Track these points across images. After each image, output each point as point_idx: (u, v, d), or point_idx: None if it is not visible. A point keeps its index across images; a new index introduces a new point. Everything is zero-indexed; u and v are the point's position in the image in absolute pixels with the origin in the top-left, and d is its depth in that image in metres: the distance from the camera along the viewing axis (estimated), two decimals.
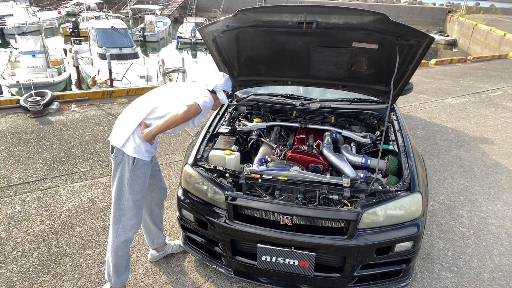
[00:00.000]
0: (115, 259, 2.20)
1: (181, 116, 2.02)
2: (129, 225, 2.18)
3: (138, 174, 2.12)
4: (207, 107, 2.12)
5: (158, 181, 2.47)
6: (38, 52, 11.36)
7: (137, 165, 2.11)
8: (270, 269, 2.19)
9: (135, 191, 2.14)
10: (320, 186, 2.19)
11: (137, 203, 2.18)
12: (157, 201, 2.52)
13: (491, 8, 29.91)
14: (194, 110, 2.03)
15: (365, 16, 2.20)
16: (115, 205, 2.16)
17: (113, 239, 2.19)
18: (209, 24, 2.53)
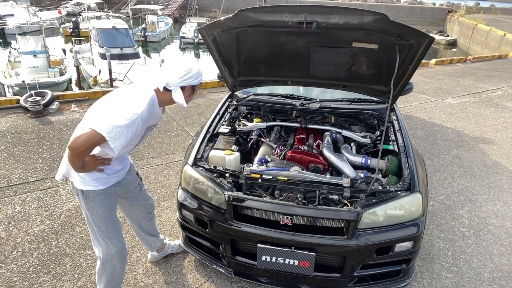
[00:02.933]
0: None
1: (69, 154, 1.64)
2: (110, 254, 2.04)
3: (93, 206, 1.91)
4: (121, 130, 1.61)
5: (140, 200, 2.29)
6: (39, 52, 11.38)
7: (88, 197, 1.88)
8: (270, 269, 2.19)
9: (97, 223, 1.95)
10: (320, 186, 2.18)
11: (107, 234, 1.99)
12: (143, 215, 2.37)
13: (491, 8, 29.90)
14: (81, 143, 1.57)
15: (365, 16, 2.20)
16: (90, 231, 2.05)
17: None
18: (209, 24, 2.53)
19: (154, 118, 1.83)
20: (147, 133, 1.91)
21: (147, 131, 1.89)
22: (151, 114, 1.76)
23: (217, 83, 7.29)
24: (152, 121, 1.84)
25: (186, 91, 1.81)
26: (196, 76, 1.79)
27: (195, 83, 1.80)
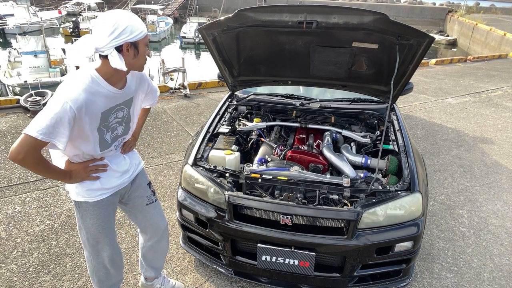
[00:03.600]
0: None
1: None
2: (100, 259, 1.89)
3: (86, 216, 1.75)
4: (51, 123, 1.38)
5: (149, 218, 2.00)
6: (39, 52, 11.39)
7: (81, 207, 1.74)
8: (270, 269, 2.19)
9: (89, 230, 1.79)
10: (320, 186, 2.18)
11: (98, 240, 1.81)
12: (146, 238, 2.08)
13: (491, 8, 29.88)
14: (16, 151, 1.38)
15: (365, 16, 2.20)
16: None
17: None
18: (209, 24, 2.53)
19: (106, 97, 1.53)
20: (118, 116, 1.65)
21: (112, 113, 1.61)
22: (95, 94, 1.48)
23: (217, 83, 7.29)
24: (107, 102, 1.55)
25: (126, 52, 1.47)
26: (130, 30, 1.43)
27: (132, 38, 1.44)
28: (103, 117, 1.56)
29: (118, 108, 1.64)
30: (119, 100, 1.63)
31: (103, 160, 1.73)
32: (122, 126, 1.74)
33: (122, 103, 1.66)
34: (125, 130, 1.79)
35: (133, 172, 1.92)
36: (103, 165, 1.73)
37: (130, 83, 1.69)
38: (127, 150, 1.90)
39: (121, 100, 1.64)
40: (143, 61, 1.56)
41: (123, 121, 1.73)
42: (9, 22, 17.45)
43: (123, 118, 1.71)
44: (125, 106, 1.69)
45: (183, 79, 7.13)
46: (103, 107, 1.54)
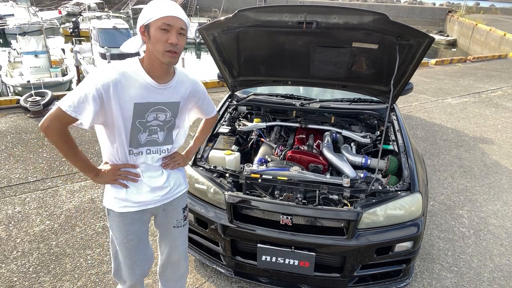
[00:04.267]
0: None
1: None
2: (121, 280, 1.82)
3: (112, 226, 1.67)
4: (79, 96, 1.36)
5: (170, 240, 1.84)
6: (40, 52, 11.40)
7: (109, 215, 1.65)
8: (270, 269, 2.19)
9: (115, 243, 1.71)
10: (320, 186, 2.19)
11: (123, 259, 1.72)
12: (165, 265, 1.94)
13: (491, 8, 29.89)
14: (45, 118, 1.38)
15: (365, 16, 2.20)
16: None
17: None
18: (209, 24, 2.53)
19: (142, 87, 1.43)
20: (158, 118, 1.52)
21: (150, 111, 1.48)
22: (129, 78, 1.40)
23: (217, 83, 7.30)
24: (143, 92, 1.44)
25: (143, 36, 1.43)
26: (146, 12, 1.39)
27: (145, 21, 1.38)
28: (138, 110, 1.44)
29: (158, 107, 1.50)
30: (159, 97, 1.49)
31: (136, 169, 1.58)
32: (164, 133, 1.59)
33: (164, 104, 1.51)
34: (167, 139, 1.62)
35: (169, 192, 1.70)
36: (134, 173, 1.57)
37: (178, 85, 1.55)
38: (170, 166, 1.67)
39: (162, 98, 1.50)
40: (158, 47, 1.37)
41: (165, 127, 1.57)
42: (9, 22, 17.46)
43: (165, 123, 1.56)
44: (168, 109, 1.53)
45: None
46: (137, 96, 1.43)
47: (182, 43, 1.42)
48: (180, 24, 1.39)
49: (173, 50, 1.38)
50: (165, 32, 1.37)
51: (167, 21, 1.36)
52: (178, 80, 1.54)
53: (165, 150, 1.63)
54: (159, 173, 1.65)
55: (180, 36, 1.40)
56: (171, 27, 1.37)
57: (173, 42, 1.37)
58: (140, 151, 1.56)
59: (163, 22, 1.35)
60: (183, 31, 1.41)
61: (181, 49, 1.42)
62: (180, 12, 1.39)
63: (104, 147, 1.57)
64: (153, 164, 1.62)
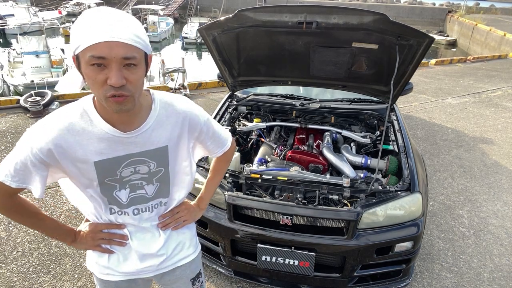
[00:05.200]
0: None
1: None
2: None
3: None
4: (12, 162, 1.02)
5: None
6: (41, 52, 11.41)
7: (94, 279, 1.36)
8: (270, 269, 2.19)
9: None
10: (320, 186, 2.19)
11: None
12: None
13: (491, 8, 29.88)
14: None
15: (365, 16, 2.20)
16: None
17: None
18: (209, 24, 2.53)
19: (101, 141, 1.03)
20: (138, 171, 1.11)
21: (123, 166, 1.08)
22: (80, 133, 1.01)
23: (217, 83, 7.29)
24: (105, 148, 1.04)
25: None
26: (72, 34, 0.93)
27: (71, 48, 0.94)
28: (102, 169, 1.06)
29: (133, 159, 1.08)
30: (130, 148, 1.07)
31: (123, 229, 1.20)
32: (154, 186, 1.17)
33: (141, 154, 1.09)
34: (160, 192, 1.20)
35: (166, 260, 1.28)
36: (120, 235, 1.20)
37: (158, 127, 1.09)
38: (171, 225, 1.27)
39: (135, 149, 1.07)
40: (96, 90, 0.93)
41: (153, 179, 1.16)
42: (10, 22, 17.46)
43: (151, 174, 1.14)
44: (151, 158, 1.11)
45: (183, 79, 7.14)
46: (95, 153, 1.03)
47: (135, 78, 0.93)
48: (122, 52, 0.88)
49: (118, 93, 0.91)
50: (100, 68, 0.89)
51: (98, 52, 0.86)
52: (157, 120, 1.09)
53: (157, 204, 1.22)
54: (154, 236, 1.24)
55: (129, 68, 0.91)
56: (106, 61, 0.88)
57: (113, 83, 0.88)
58: (124, 212, 1.17)
59: (92, 54, 0.87)
60: (132, 60, 0.90)
61: (136, 87, 0.94)
62: (120, 31, 0.88)
63: (78, 202, 1.20)
64: (145, 224, 1.22)
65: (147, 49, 0.97)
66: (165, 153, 1.14)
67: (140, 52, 0.93)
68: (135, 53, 0.91)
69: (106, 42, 0.86)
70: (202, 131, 1.22)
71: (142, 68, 0.95)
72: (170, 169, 1.18)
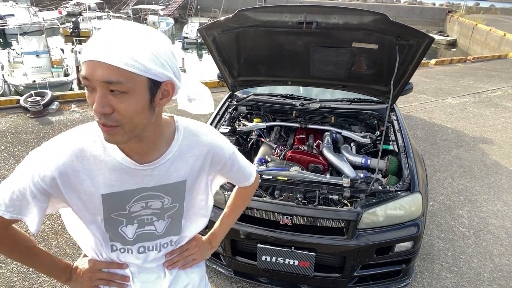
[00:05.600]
0: None
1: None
2: None
3: None
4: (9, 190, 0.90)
5: None
6: (41, 52, 11.42)
7: None
8: (270, 269, 2.19)
9: None
10: (320, 186, 2.19)
11: None
12: None
13: (491, 8, 29.89)
14: None
15: (365, 16, 2.20)
16: None
17: None
18: (209, 24, 2.53)
19: (113, 171, 0.91)
20: (150, 206, 1.00)
21: (133, 200, 0.96)
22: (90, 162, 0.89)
23: (217, 83, 7.30)
24: (116, 180, 0.92)
25: None
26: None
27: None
28: (110, 203, 0.94)
29: (146, 193, 0.97)
30: (145, 181, 0.95)
31: (125, 269, 1.07)
32: (165, 222, 1.05)
33: (155, 188, 0.97)
34: (171, 229, 1.08)
35: None
36: (121, 276, 1.07)
37: (178, 159, 0.97)
38: (178, 264, 1.14)
39: (150, 182, 0.95)
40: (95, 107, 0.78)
41: (165, 215, 1.04)
42: (10, 22, 17.46)
43: (163, 211, 1.02)
44: (166, 194, 0.99)
45: None
46: (105, 185, 0.91)
47: (124, 108, 0.78)
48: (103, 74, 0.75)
49: (101, 122, 0.80)
50: (89, 90, 0.79)
51: (84, 71, 0.77)
52: (179, 151, 0.97)
53: (167, 243, 1.10)
54: (159, 277, 1.11)
55: (116, 95, 0.77)
56: (91, 82, 0.77)
57: (94, 109, 0.78)
58: (128, 249, 1.04)
59: (81, 73, 0.78)
60: (116, 86, 0.76)
61: (126, 118, 0.80)
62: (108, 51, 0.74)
63: (77, 234, 1.06)
64: (150, 264, 1.09)
65: (152, 73, 0.79)
66: (183, 188, 1.02)
67: (135, 78, 0.77)
68: (123, 77, 0.75)
69: (89, 61, 0.76)
70: (226, 165, 1.11)
71: (137, 96, 0.79)
72: (185, 205, 1.06)
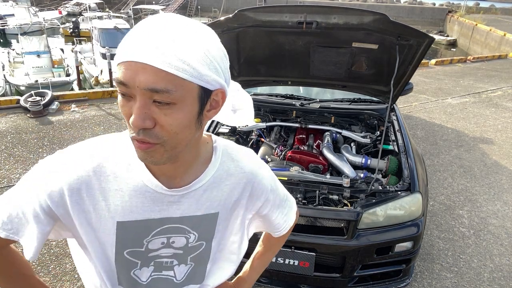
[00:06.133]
0: None
1: None
2: None
3: None
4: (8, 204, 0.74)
5: None
6: (42, 52, 11.42)
7: None
8: (270, 269, 2.18)
9: None
10: (320, 186, 2.18)
11: None
12: None
13: (491, 8, 29.89)
14: None
15: (365, 16, 2.20)
16: None
17: None
18: (209, 24, 2.53)
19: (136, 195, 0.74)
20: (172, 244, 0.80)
21: (152, 234, 0.77)
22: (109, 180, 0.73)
23: None
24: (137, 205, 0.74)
25: None
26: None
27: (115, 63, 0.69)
28: (127, 233, 0.76)
29: (169, 227, 0.78)
30: (170, 211, 0.77)
31: None
32: (187, 267, 0.86)
33: (181, 220, 0.78)
34: (194, 276, 0.88)
35: None
36: None
37: (212, 185, 0.80)
38: None
39: (176, 212, 0.77)
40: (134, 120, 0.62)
41: (188, 257, 0.84)
42: (10, 22, 17.45)
43: (186, 251, 0.83)
44: (192, 228, 0.80)
45: None
46: (122, 212, 0.74)
47: (168, 122, 0.63)
48: (148, 80, 0.59)
49: (139, 138, 0.63)
50: (126, 98, 0.63)
51: (120, 75, 0.61)
52: (214, 177, 0.80)
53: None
54: None
55: (160, 107, 0.62)
56: (129, 89, 0.61)
57: (132, 123, 0.62)
58: None
59: (116, 77, 0.63)
60: (163, 95, 0.60)
61: (170, 134, 0.64)
62: (154, 49, 0.58)
63: (81, 268, 0.86)
64: None
65: (205, 80, 0.63)
66: (213, 222, 0.82)
67: (185, 85, 0.61)
68: (171, 85, 0.59)
69: (129, 62, 0.59)
70: (268, 200, 0.93)
71: (186, 108, 0.63)
72: (214, 244, 0.86)
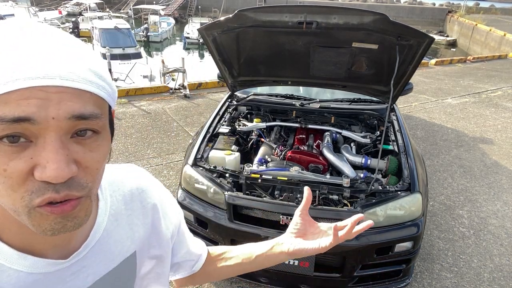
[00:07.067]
0: None
1: None
2: None
3: None
4: None
5: None
6: None
7: None
8: (270, 269, 2.18)
9: None
10: (320, 186, 2.18)
11: None
12: None
13: (491, 8, 29.89)
14: None
15: (365, 16, 2.20)
16: None
17: None
18: (209, 24, 2.53)
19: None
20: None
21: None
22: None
23: (217, 83, 7.29)
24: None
25: None
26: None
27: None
28: None
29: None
30: (78, 284, 0.56)
31: None
32: None
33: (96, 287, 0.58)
34: None
35: None
36: None
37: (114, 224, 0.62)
38: None
39: (86, 280, 0.57)
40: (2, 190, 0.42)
41: None
42: None
43: None
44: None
45: (183, 79, 7.13)
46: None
47: (95, 159, 0.46)
48: (73, 106, 0.42)
49: (61, 197, 0.43)
50: (18, 146, 0.41)
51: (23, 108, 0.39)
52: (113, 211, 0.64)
53: None
54: None
55: (82, 141, 0.45)
56: (36, 127, 0.40)
57: (52, 176, 0.41)
58: None
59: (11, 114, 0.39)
60: (91, 122, 0.44)
61: (96, 177, 0.48)
62: (67, 63, 0.42)
63: None
64: None
65: (114, 98, 0.50)
66: (133, 264, 0.65)
67: (104, 106, 0.47)
68: (97, 108, 0.45)
69: (28, 89, 0.40)
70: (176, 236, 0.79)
71: (107, 136, 0.49)
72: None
